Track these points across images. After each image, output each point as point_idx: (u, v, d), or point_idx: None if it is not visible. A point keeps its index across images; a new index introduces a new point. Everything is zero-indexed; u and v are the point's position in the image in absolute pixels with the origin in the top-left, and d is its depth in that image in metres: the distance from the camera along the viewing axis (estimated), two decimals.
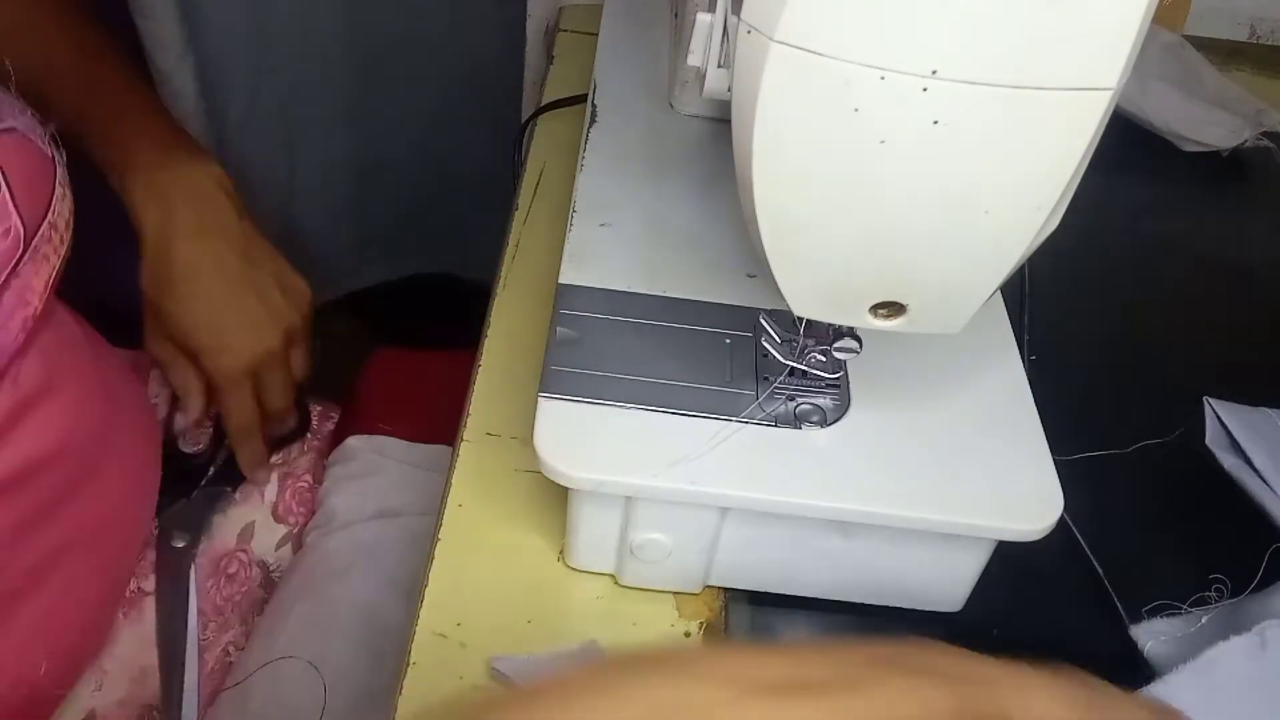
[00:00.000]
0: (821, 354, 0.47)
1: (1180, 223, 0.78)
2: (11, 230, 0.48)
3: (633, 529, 0.46)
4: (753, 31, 0.33)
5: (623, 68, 0.66)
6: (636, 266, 0.52)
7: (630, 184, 0.57)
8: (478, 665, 0.45)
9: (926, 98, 0.32)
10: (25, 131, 0.50)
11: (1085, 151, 0.34)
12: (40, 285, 0.52)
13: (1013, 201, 0.35)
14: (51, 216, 0.51)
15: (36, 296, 0.52)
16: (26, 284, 0.51)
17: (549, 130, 0.74)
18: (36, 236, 0.50)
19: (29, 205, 0.50)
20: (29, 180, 0.50)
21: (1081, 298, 0.68)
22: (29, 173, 0.50)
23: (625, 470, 0.43)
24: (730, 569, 0.48)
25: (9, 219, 0.48)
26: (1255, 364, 0.66)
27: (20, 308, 0.51)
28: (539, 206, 0.68)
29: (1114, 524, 0.53)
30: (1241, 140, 0.79)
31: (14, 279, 0.50)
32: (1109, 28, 0.31)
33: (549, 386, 0.45)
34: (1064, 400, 0.49)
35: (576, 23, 0.86)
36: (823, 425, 0.46)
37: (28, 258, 0.50)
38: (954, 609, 0.49)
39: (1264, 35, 0.95)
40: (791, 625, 0.49)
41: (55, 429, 0.55)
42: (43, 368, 0.54)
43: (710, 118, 0.63)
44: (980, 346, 0.50)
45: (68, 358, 0.56)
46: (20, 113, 0.51)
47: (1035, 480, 0.45)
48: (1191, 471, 0.58)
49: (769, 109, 0.34)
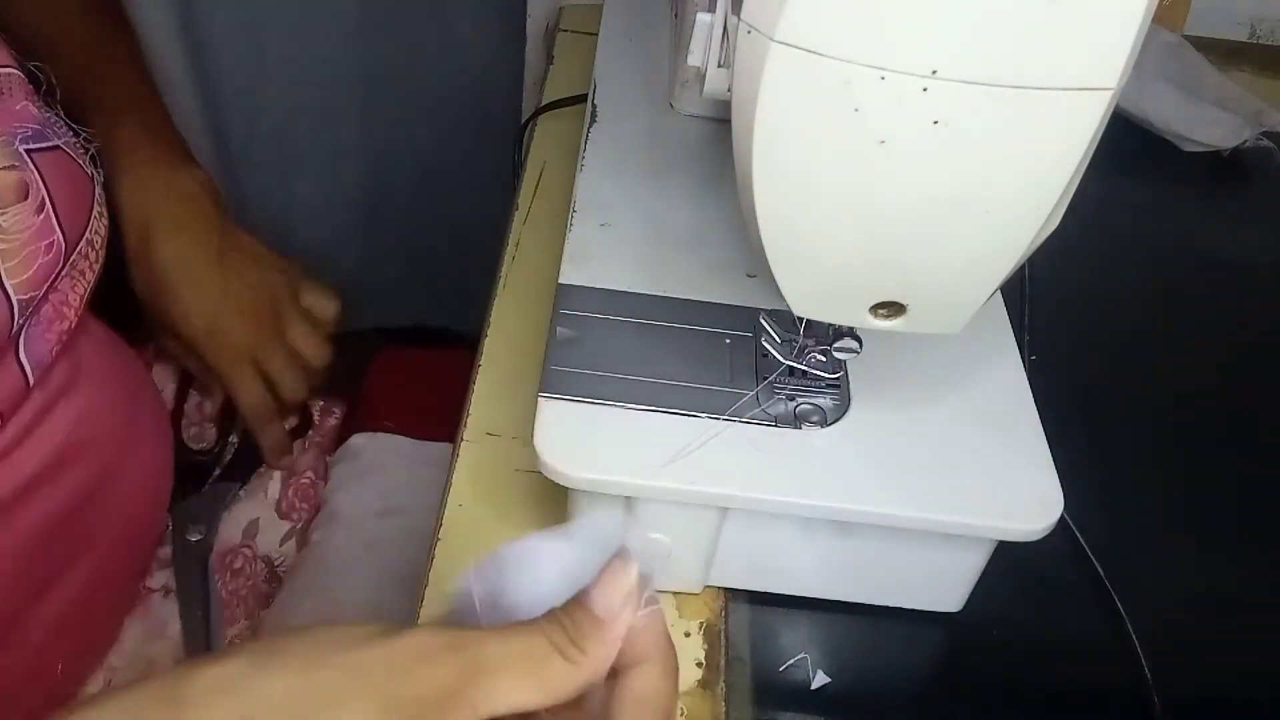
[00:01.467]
0: (821, 354, 0.47)
1: (1180, 223, 0.78)
2: (55, 244, 0.49)
3: (633, 529, 0.46)
4: (753, 31, 0.33)
5: (623, 68, 0.66)
6: (636, 266, 0.52)
7: (630, 184, 0.57)
8: None
9: (926, 98, 0.32)
10: (69, 150, 0.51)
11: (1085, 151, 0.34)
12: (76, 300, 0.53)
13: (1013, 201, 0.35)
14: (89, 234, 0.52)
15: (73, 311, 0.52)
16: (64, 298, 0.52)
17: (549, 130, 0.74)
18: (75, 253, 0.51)
19: (70, 221, 0.50)
20: (71, 197, 0.50)
21: (1081, 298, 0.68)
22: (71, 190, 0.50)
23: (625, 470, 0.43)
24: (730, 569, 0.48)
25: (53, 233, 0.49)
26: (1255, 363, 0.66)
27: (57, 320, 0.51)
28: (539, 206, 0.68)
29: (1114, 524, 0.53)
30: (1241, 140, 0.79)
31: (53, 292, 0.50)
32: (1109, 28, 0.31)
33: (549, 386, 0.45)
34: (1064, 400, 0.49)
35: (576, 23, 0.86)
36: (823, 425, 0.46)
37: (66, 272, 0.51)
38: (954, 609, 0.49)
39: (1264, 35, 0.95)
40: (791, 625, 0.49)
41: (82, 422, 0.55)
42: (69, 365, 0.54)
43: (710, 118, 0.63)
44: (980, 346, 0.50)
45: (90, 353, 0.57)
46: (65, 132, 0.51)
47: (1035, 480, 0.45)
48: (1192, 470, 0.58)
49: (769, 109, 0.34)
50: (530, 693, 0.31)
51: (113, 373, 0.59)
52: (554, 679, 0.31)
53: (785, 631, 0.49)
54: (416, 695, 0.30)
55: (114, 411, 0.58)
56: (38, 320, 0.50)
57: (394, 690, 0.30)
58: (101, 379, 0.57)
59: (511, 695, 0.31)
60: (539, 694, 0.31)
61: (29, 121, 0.49)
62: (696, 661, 0.47)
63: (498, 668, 0.31)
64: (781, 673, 0.47)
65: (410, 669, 0.30)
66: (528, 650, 0.31)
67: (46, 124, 0.50)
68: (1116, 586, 0.50)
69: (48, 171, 0.49)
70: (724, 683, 0.46)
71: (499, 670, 0.31)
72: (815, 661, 0.47)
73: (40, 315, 0.50)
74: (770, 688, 0.47)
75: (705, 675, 0.46)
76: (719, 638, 0.48)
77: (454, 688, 0.30)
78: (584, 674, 0.32)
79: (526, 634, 0.32)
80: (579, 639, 0.32)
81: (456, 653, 0.31)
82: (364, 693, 0.30)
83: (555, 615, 0.32)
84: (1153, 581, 0.52)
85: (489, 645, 0.31)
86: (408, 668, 0.30)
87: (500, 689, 0.31)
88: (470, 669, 0.30)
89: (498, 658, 0.31)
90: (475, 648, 0.31)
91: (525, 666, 0.31)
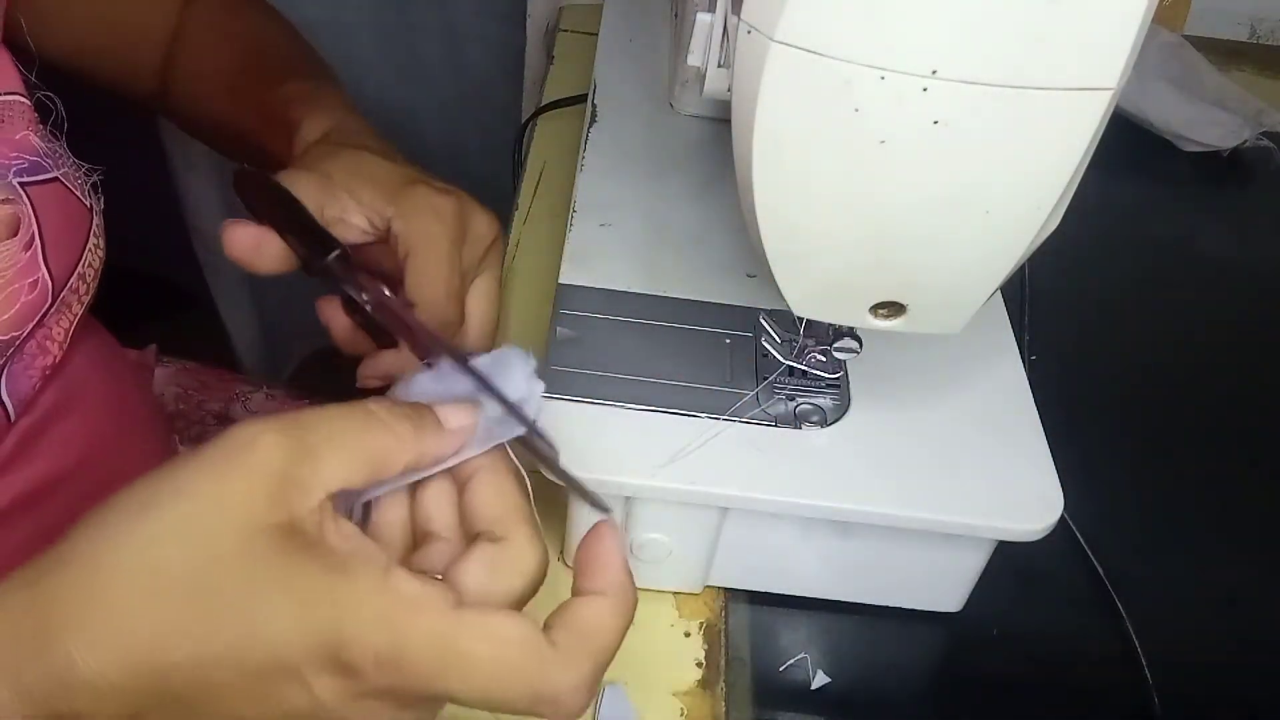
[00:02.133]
0: (821, 354, 0.47)
1: (1180, 223, 0.78)
2: (39, 282, 0.48)
3: (633, 529, 0.46)
4: (753, 31, 0.33)
5: (623, 68, 0.66)
6: (636, 266, 0.52)
7: (630, 184, 0.57)
8: None
9: (926, 98, 0.32)
10: (66, 182, 0.50)
11: (1085, 151, 0.34)
12: (61, 334, 0.52)
13: (1013, 201, 0.35)
14: (81, 268, 0.51)
15: (57, 345, 0.52)
16: (49, 334, 0.51)
17: (549, 130, 0.74)
18: (65, 289, 0.50)
19: (60, 258, 0.49)
20: (64, 232, 0.49)
21: (1081, 297, 0.68)
22: (65, 224, 0.49)
23: (625, 470, 0.43)
24: (730, 569, 0.48)
25: (37, 270, 0.48)
26: (1255, 363, 0.66)
27: (41, 355, 0.51)
28: (539, 206, 0.68)
29: (1114, 524, 0.53)
30: (1241, 140, 0.79)
31: (39, 329, 0.50)
32: (1109, 28, 0.31)
33: (549, 386, 0.45)
34: (1064, 400, 0.49)
35: (576, 23, 0.86)
36: (823, 425, 0.46)
37: (54, 309, 0.50)
38: (954, 609, 0.49)
39: (1264, 35, 0.95)
40: (791, 625, 0.49)
41: (71, 448, 0.54)
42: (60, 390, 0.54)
43: (710, 118, 0.63)
44: (980, 346, 0.50)
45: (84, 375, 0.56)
46: (65, 162, 0.50)
47: (1035, 480, 0.45)
48: (1192, 470, 0.58)
49: (769, 109, 0.34)
50: (357, 468, 0.32)
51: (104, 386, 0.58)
52: (379, 453, 0.32)
53: (785, 631, 0.49)
54: (248, 487, 0.30)
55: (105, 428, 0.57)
56: (20, 357, 0.49)
57: (225, 490, 0.30)
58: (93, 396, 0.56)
59: (339, 471, 0.31)
60: (366, 468, 0.32)
61: (28, 152, 0.48)
62: (696, 661, 0.47)
63: (323, 447, 0.31)
64: (781, 673, 0.47)
65: (240, 458, 0.30)
66: (350, 426, 0.32)
67: (47, 154, 0.49)
68: (1116, 586, 0.50)
69: (41, 205, 0.48)
70: (724, 683, 0.46)
71: (324, 448, 0.31)
72: (815, 661, 0.47)
73: (24, 352, 0.49)
74: (770, 688, 0.47)
75: (705, 675, 0.46)
76: (719, 638, 0.48)
77: (283, 471, 0.30)
78: (409, 451, 0.33)
79: (351, 412, 0.32)
80: (410, 414, 0.33)
81: (283, 434, 0.31)
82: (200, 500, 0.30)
83: (389, 399, 0.34)
84: (1153, 581, 0.52)
85: (316, 425, 0.32)
86: (238, 458, 0.30)
87: (328, 466, 0.31)
88: (297, 450, 0.31)
89: (324, 436, 0.31)
90: (300, 429, 0.31)
91: (350, 442, 0.32)
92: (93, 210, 0.52)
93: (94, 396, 0.57)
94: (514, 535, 0.34)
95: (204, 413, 0.75)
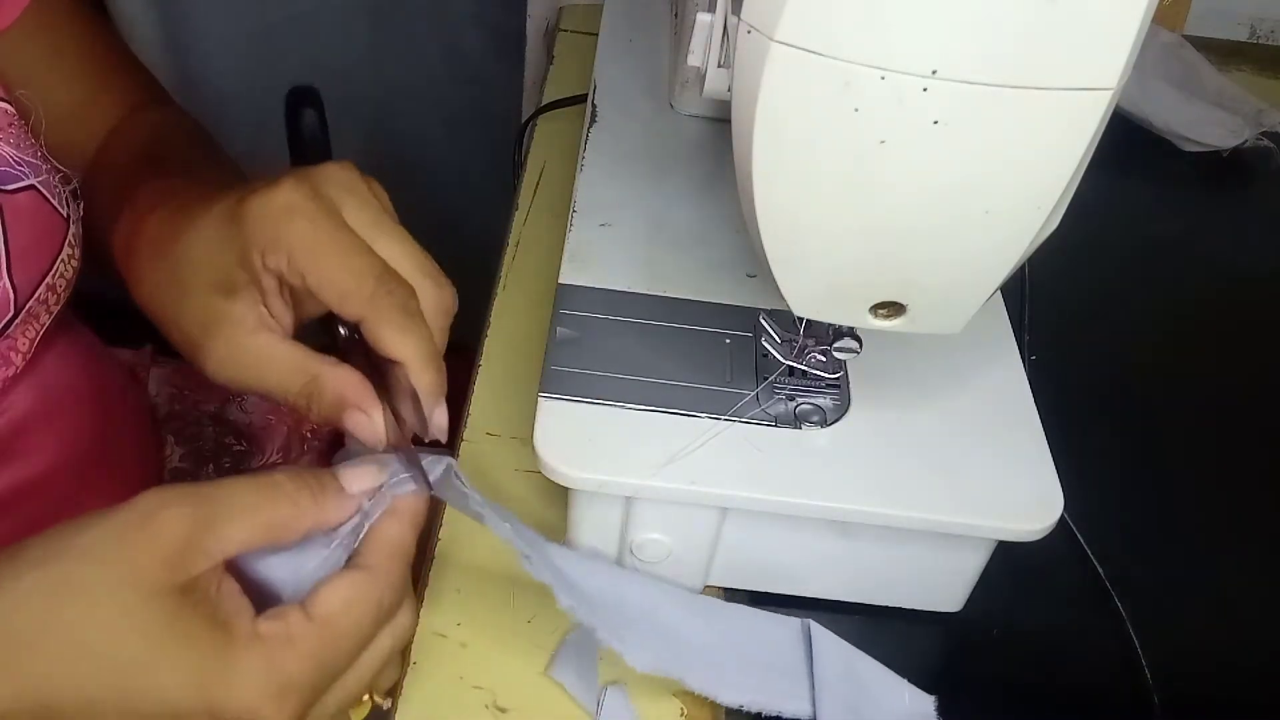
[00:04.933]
0: (821, 354, 0.47)
1: (1180, 223, 0.78)
2: (2, 293, 0.47)
3: (633, 529, 0.46)
4: (753, 31, 0.33)
5: (623, 68, 0.66)
6: (636, 266, 0.52)
7: (630, 184, 0.57)
8: (478, 665, 0.45)
9: (926, 98, 0.32)
10: (43, 189, 0.49)
11: (1085, 151, 0.34)
12: (26, 345, 0.51)
13: (1013, 201, 0.35)
14: (51, 279, 0.50)
15: (20, 356, 0.51)
16: (12, 345, 0.50)
17: (549, 130, 0.74)
18: (31, 300, 0.49)
19: (27, 269, 0.48)
20: (34, 243, 0.48)
21: (1081, 298, 0.68)
22: (36, 234, 0.49)
23: (625, 470, 0.43)
24: (730, 569, 0.48)
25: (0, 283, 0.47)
26: (1255, 363, 0.66)
27: (2, 366, 0.50)
28: (539, 206, 0.68)
29: (1114, 524, 0.53)
30: (1241, 140, 0.79)
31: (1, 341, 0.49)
32: (1109, 28, 0.31)
33: (549, 386, 0.45)
34: (1064, 400, 0.49)
35: (576, 23, 0.86)
36: (823, 425, 0.46)
37: (19, 320, 0.49)
38: (954, 609, 0.49)
39: (1264, 35, 0.95)
40: None
41: (46, 452, 0.54)
42: (36, 394, 0.53)
43: (710, 118, 0.63)
44: (980, 346, 0.50)
45: (64, 378, 0.55)
46: (44, 169, 0.49)
47: (1035, 480, 0.45)
48: (1192, 470, 0.58)
49: (769, 109, 0.34)
50: (257, 536, 0.35)
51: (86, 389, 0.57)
52: (278, 522, 0.36)
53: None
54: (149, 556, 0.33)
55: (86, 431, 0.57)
56: None
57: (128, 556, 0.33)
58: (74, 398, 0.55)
59: (238, 538, 0.35)
60: (265, 536, 0.35)
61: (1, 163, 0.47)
62: None
63: (222, 519, 0.34)
64: None
65: (147, 527, 0.33)
66: (252, 500, 0.35)
67: (21, 163, 0.48)
68: (1116, 586, 0.50)
69: (12, 215, 0.47)
70: None
71: (222, 520, 0.34)
72: None
73: None
74: None
75: None
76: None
77: (186, 539, 0.33)
78: (308, 519, 0.36)
79: (256, 485, 0.36)
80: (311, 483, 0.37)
81: (189, 506, 0.34)
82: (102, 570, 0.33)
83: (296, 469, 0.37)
84: (1153, 581, 0.52)
85: (219, 498, 0.35)
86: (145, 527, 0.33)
87: (227, 534, 0.34)
88: (200, 523, 0.34)
89: (224, 509, 0.35)
90: (206, 502, 0.34)
91: (249, 516, 0.35)
92: (69, 219, 0.51)
93: (74, 400, 0.56)
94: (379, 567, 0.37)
95: (199, 413, 0.75)
